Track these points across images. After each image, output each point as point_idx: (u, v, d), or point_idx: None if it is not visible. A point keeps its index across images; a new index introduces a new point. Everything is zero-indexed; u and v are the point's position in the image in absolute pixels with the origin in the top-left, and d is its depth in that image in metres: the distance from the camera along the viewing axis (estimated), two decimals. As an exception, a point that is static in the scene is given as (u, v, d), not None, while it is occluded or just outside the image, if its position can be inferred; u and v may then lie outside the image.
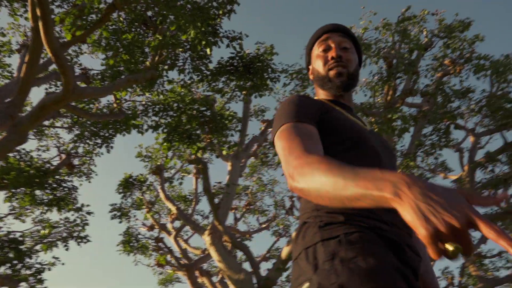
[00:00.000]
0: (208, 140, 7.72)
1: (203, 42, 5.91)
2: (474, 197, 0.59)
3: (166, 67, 7.61)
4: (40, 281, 8.26)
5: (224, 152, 8.35)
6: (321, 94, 1.26)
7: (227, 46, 7.13)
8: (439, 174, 11.26)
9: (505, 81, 7.94)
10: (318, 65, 1.23)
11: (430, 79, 8.27)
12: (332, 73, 1.19)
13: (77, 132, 9.83)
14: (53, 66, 9.25)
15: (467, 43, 8.18)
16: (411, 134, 8.10)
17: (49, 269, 8.60)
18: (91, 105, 8.71)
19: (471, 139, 9.26)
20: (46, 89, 9.51)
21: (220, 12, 6.95)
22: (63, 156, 10.01)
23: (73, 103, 8.04)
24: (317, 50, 1.25)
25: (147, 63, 7.31)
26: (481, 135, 9.21)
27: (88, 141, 9.82)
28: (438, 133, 7.85)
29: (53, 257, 9.29)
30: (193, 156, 7.66)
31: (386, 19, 7.85)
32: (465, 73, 8.35)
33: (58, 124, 10.40)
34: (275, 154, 11.17)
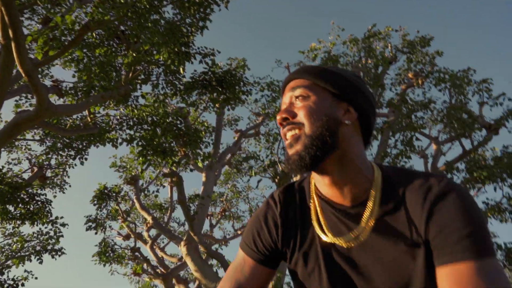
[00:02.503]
0: (183, 153, 7.87)
1: (176, 62, 6.07)
2: None
3: (139, 81, 7.71)
4: (14, 297, 8.19)
5: (199, 164, 8.52)
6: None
7: (200, 62, 7.31)
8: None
9: (462, 94, 8.48)
10: None
11: (394, 92, 8.71)
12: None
13: (49, 144, 9.76)
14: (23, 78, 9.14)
15: (428, 57, 8.66)
16: (378, 144, 8.51)
17: (23, 284, 8.53)
18: (66, 118, 8.68)
19: (434, 146, 9.79)
20: (16, 101, 9.39)
21: (193, 28, 7.13)
22: (35, 168, 9.91)
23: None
24: None
25: (122, 78, 7.39)
26: (443, 142, 9.74)
27: (61, 152, 9.76)
28: (402, 143, 8.29)
29: (25, 271, 9.17)
30: (168, 169, 7.79)
31: (353, 35, 8.24)
32: (427, 85, 8.84)
33: (28, 136, 10.28)
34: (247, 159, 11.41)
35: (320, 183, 0.82)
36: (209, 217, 12.94)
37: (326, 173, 0.79)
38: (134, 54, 6.60)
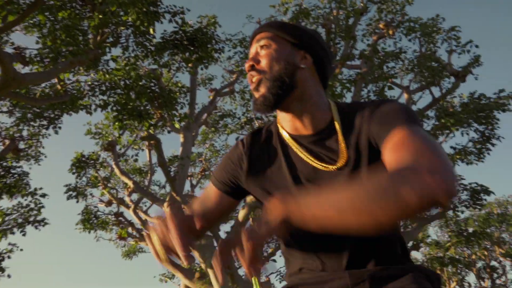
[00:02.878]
0: (159, 116, 7.83)
1: (145, 23, 5.90)
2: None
3: (108, 44, 7.46)
4: (1, 269, 8.24)
5: (176, 126, 8.51)
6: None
7: (170, 21, 7.11)
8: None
9: (432, 42, 8.64)
10: None
11: (366, 43, 8.78)
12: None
13: (19, 115, 9.46)
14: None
15: (399, 6, 8.69)
16: (351, 96, 8.67)
17: (9, 257, 8.56)
18: (34, 87, 8.38)
19: (405, 96, 10.05)
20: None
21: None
22: (7, 141, 9.66)
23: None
24: None
25: (90, 41, 7.13)
26: (414, 91, 10.01)
27: (32, 123, 9.50)
28: (375, 94, 8.47)
29: (9, 244, 9.16)
30: (145, 133, 7.77)
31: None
32: (398, 36, 8.94)
33: (-5, 108, 9.89)
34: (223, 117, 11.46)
35: (285, 120, 0.96)
36: (189, 178, 13.08)
37: (289, 109, 0.93)
38: (100, 16, 6.35)
